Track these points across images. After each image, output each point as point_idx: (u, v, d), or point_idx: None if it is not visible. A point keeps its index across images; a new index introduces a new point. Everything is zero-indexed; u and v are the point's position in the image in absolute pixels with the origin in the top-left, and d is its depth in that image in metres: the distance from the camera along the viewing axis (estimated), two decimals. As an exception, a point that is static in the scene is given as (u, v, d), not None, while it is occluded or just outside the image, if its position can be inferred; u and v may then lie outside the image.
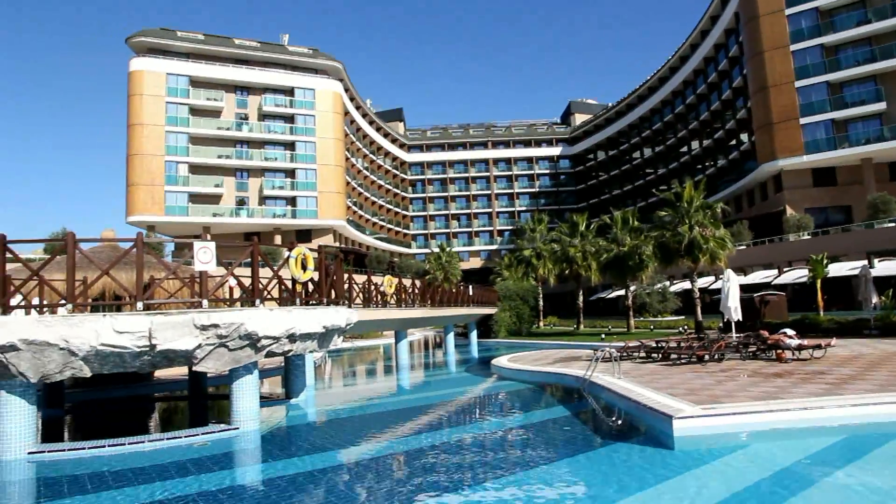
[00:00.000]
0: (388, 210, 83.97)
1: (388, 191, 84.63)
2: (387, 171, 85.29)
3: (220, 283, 13.96)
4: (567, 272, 42.33)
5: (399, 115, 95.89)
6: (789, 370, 14.06)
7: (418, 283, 28.00)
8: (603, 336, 30.22)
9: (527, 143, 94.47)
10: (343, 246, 62.51)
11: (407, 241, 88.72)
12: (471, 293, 34.38)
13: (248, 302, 12.95)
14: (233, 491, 7.90)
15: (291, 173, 60.43)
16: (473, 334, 37.16)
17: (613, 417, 11.67)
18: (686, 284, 43.63)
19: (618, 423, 11.25)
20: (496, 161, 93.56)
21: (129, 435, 10.58)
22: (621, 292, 45.96)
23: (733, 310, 19.30)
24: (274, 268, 13.40)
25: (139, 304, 10.88)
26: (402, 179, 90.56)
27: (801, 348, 16.29)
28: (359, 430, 12.47)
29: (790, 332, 17.62)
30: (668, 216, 30.88)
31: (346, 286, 17.92)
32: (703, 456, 8.46)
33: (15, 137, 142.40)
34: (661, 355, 18.24)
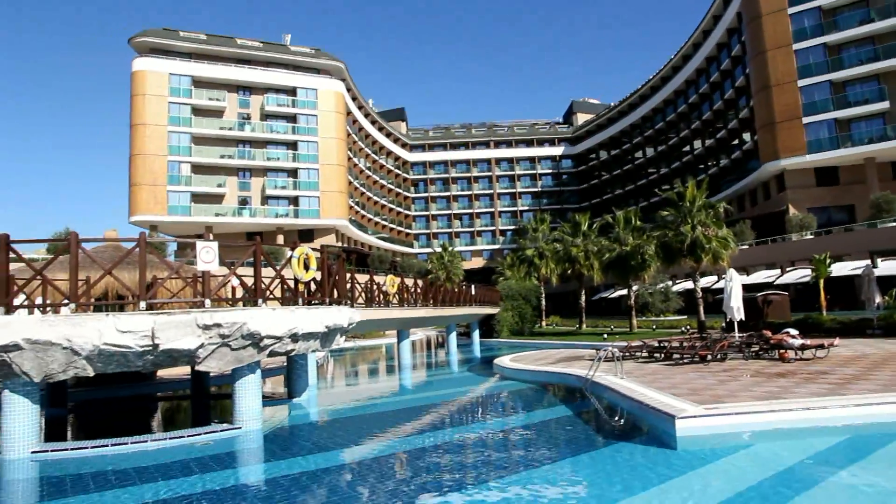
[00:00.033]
0: (391, 210, 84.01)
1: (390, 190, 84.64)
2: (389, 171, 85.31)
3: (223, 283, 14.00)
4: (569, 272, 42.40)
5: (401, 114, 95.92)
6: (792, 370, 14.03)
7: (420, 283, 27.99)
8: (605, 336, 30.20)
9: (529, 143, 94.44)
10: (345, 245, 62.57)
11: (409, 240, 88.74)
12: (473, 293, 34.36)
13: (250, 301, 12.96)
14: (236, 490, 7.91)
15: (294, 173, 60.47)
16: (476, 334, 37.15)
17: (616, 417, 11.66)
18: (688, 284, 43.55)
19: (620, 422, 11.24)
20: (498, 160, 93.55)
21: (132, 434, 10.60)
22: (624, 292, 45.94)
23: (736, 309, 19.25)
24: (276, 267, 13.42)
25: (142, 304, 10.90)
26: (405, 179, 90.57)
27: (803, 348, 16.25)
28: (361, 429, 12.48)
29: (793, 331, 17.58)
30: (671, 216, 30.85)
31: (348, 286, 17.93)
32: (706, 456, 8.44)
33: (18, 138, 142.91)
34: (663, 355, 18.23)
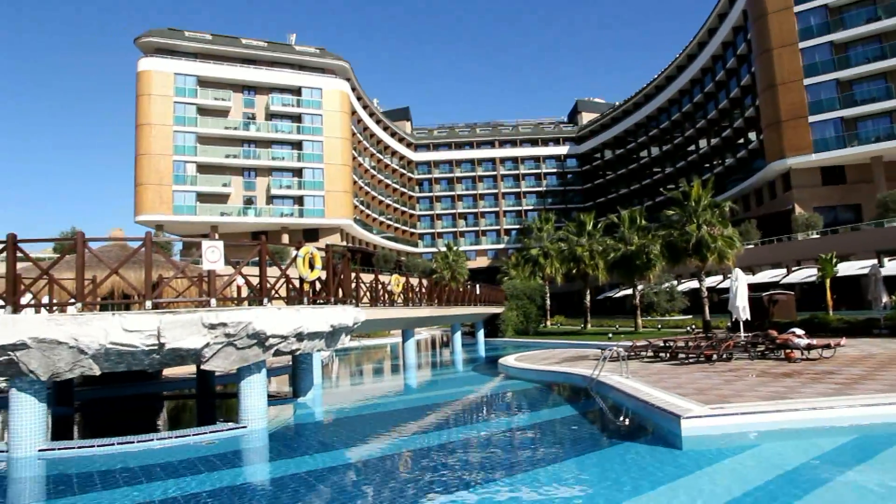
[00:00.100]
0: (396, 209, 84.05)
1: (395, 190, 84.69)
2: (394, 171, 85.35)
3: (228, 282, 14.03)
4: (574, 271, 42.32)
5: (406, 114, 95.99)
6: (798, 370, 13.97)
7: (425, 282, 27.99)
8: (610, 335, 30.14)
9: (534, 142, 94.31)
10: (350, 245, 62.63)
11: (414, 240, 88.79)
12: (478, 292, 34.35)
13: (255, 301, 12.99)
14: (242, 489, 7.94)
15: (299, 172, 60.57)
16: (480, 333, 37.13)
17: (621, 417, 11.65)
18: (694, 284, 43.40)
19: (626, 422, 11.22)
20: (503, 160, 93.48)
21: (139, 433, 10.65)
22: (629, 291, 45.90)
23: (741, 309, 19.20)
24: (282, 267, 13.44)
25: (148, 303, 10.94)
26: (409, 178, 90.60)
27: (810, 348, 16.18)
28: (366, 428, 12.49)
29: (799, 331, 17.52)
30: (676, 215, 30.76)
31: (353, 285, 17.94)
32: (712, 456, 8.42)
33: (23, 138, 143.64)
34: (668, 355, 18.19)
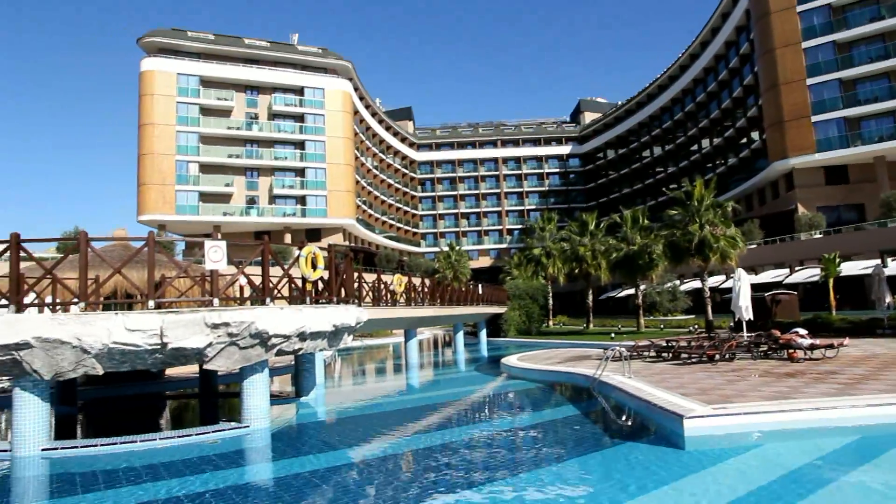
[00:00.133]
0: (398, 209, 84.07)
1: (397, 189, 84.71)
2: (396, 170, 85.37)
3: (231, 282, 14.06)
4: (577, 271, 42.31)
5: (408, 113, 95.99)
6: (801, 370, 13.94)
7: (428, 282, 28.02)
8: (613, 335, 30.12)
9: (536, 142, 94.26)
10: (353, 244, 62.67)
11: (416, 239, 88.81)
12: (480, 292, 34.36)
13: (258, 301, 13.00)
14: (245, 489, 7.95)
15: (301, 172, 60.63)
16: (483, 333, 37.13)
17: (624, 417, 11.63)
18: (696, 283, 43.38)
19: (628, 422, 11.21)
20: (505, 160, 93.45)
21: (141, 432, 10.66)
22: (631, 291, 45.85)
23: (744, 309, 19.15)
24: (284, 266, 13.46)
25: (151, 303, 10.96)
26: (412, 178, 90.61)
27: (813, 348, 16.14)
28: (369, 428, 12.50)
29: (802, 331, 17.46)
30: (679, 215, 30.72)
31: (355, 285, 17.95)
32: (715, 456, 8.41)
33: (25, 138, 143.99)
34: (671, 355, 18.17)
